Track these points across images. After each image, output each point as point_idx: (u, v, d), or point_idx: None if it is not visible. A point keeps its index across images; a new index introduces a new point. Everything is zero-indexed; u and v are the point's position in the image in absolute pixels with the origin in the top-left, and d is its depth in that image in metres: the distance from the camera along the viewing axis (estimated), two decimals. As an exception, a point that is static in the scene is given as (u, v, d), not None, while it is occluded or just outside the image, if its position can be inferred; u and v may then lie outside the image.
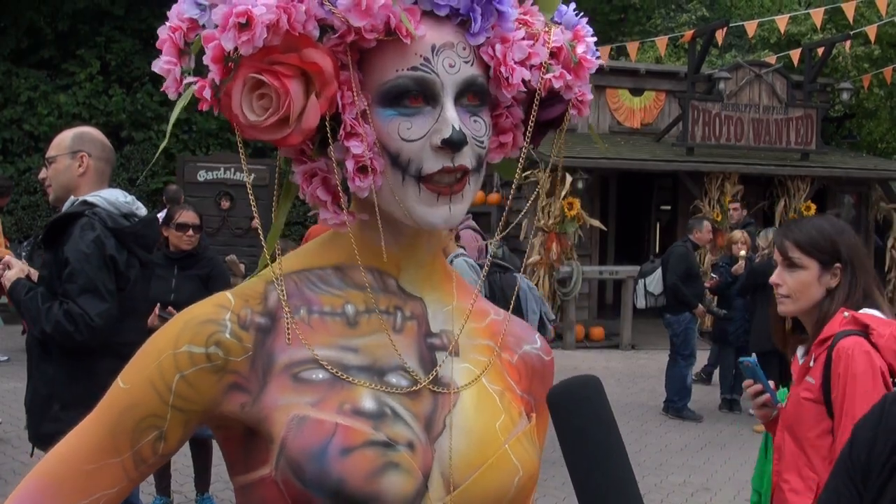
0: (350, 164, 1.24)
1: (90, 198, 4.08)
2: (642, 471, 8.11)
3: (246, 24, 1.14)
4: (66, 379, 3.94)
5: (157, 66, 1.24)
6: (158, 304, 5.67)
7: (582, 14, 1.39)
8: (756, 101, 16.60)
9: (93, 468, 1.24)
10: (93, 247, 3.91)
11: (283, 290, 1.31)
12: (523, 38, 1.31)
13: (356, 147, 1.23)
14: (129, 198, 4.25)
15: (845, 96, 18.50)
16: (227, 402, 1.26)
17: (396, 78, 1.24)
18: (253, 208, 1.36)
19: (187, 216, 6.32)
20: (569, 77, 1.33)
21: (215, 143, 20.36)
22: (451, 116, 1.24)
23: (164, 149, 16.47)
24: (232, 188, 16.24)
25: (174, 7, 1.24)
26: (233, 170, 16.21)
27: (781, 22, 17.87)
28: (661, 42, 18.87)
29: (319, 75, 1.18)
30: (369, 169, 1.24)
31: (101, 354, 3.92)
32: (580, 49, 1.35)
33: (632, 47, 18.41)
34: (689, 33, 17.49)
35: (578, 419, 0.98)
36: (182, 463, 7.33)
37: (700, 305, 10.38)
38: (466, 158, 1.27)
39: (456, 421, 1.31)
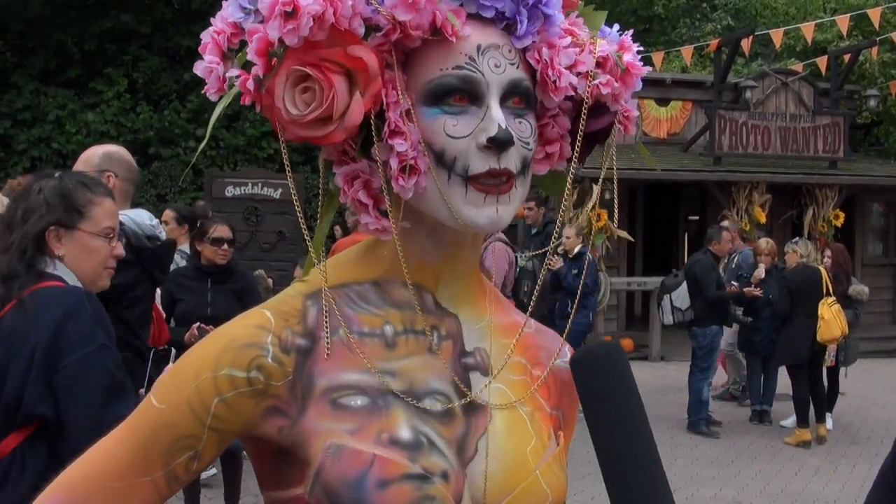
0: (394, 163, 1.21)
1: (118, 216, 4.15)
2: (672, 485, 7.99)
3: (292, 13, 1.13)
4: None
5: (199, 67, 1.23)
6: (198, 323, 5.68)
7: (626, 32, 1.38)
8: (783, 109, 16.52)
9: (122, 486, 1.22)
10: None
11: (327, 315, 1.29)
12: (569, 47, 1.29)
13: (400, 145, 1.21)
14: (155, 221, 4.35)
15: (872, 103, 18.36)
16: (264, 425, 1.24)
17: (441, 76, 1.23)
18: (297, 210, 1.33)
19: (222, 230, 6.34)
20: (616, 84, 1.31)
21: (243, 160, 20.46)
22: (497, 115, 1.22)
23: (192, 164, 16.53)
24: (259, 203, 16.30)
25: (219, 12, 1.24)
26: (260, 185, 16.27)
27: (807, 29, 17.77)
28: (687, 51, 18.83)
29: (364, 72, 1.17)
30: (413, 169, 1.22)
31: None
32: (627, 57, 1.33)
33: (657, 57, 18.37)
34: (714, 42, 17.45)
35: (601, 382, 0.99)
36: (211, 476, 7.36)
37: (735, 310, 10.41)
38: (511, 161, 1.25)
39: (488, 445, 1.30)
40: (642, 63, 1.36)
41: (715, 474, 8.59)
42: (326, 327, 1.28)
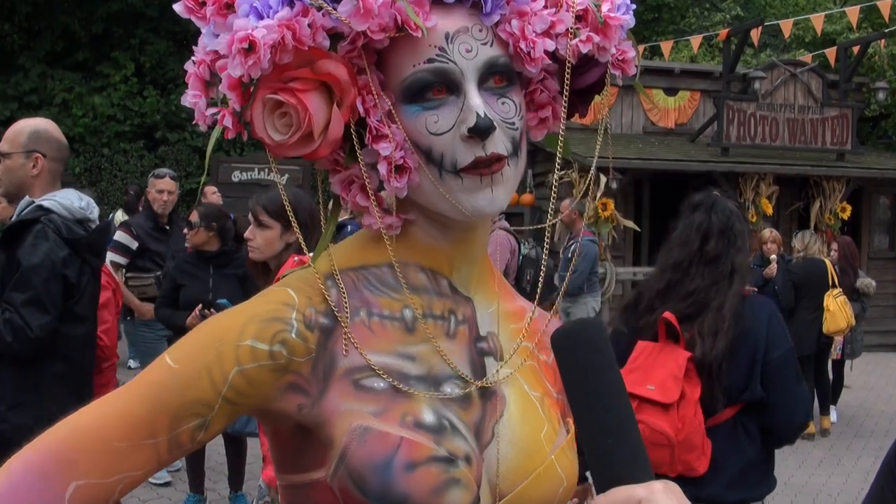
0: (383, 167, 1.23)
1: (46, 202, 3.94)
2: (676, 473, 8.03)
3: (250, 48, 1.13)
4: (15, 381, 3.86)
5: (185, 99, 1.25)
6: (200, 305, 5.69)
7: None
8: (791, 100, 16.46)
9: (124, 446, 1.15)
10: (44, 258, 3.79)
11: (345, 295, 1.29)
12: (545, 8, 1.27)
13: (385, 149, 1.22)
14: (84, 201, 4.10)
15: (881, 96, 18.28)
16: (282, 401, 1.23)
17: (414, 73, 1.23)
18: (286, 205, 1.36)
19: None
20: (597, 39, 1.29)
21: (250, 144, 20.46)
22: (475, 103, 1.22)
23: (197, 148, 16.58)
24: (266, 189, 16.29)
25: (199, 41, 1.23)
26: (267, 170, 16.26)
27: (817, 20, 17.69)
28: (696, 41, 18.76)
29: (336, 84, 1.18)
30: (403, 168, 1.23)
31: (50, 359, 3.89)
32: (605, 7, 1.29)
33: (666, 46, 18.30)
34: (723, 32, 17.35)
35: (581, 356, 1.00)
36: (215, 461, 7.39)
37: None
38: (498, 144, 1.25)
39: (503, 430, 1.31)
40: (625, 11, 1.32)
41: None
42: (346, 309, 1.27)
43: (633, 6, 1.34)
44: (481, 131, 1.21)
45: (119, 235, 7.36)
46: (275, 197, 4.30)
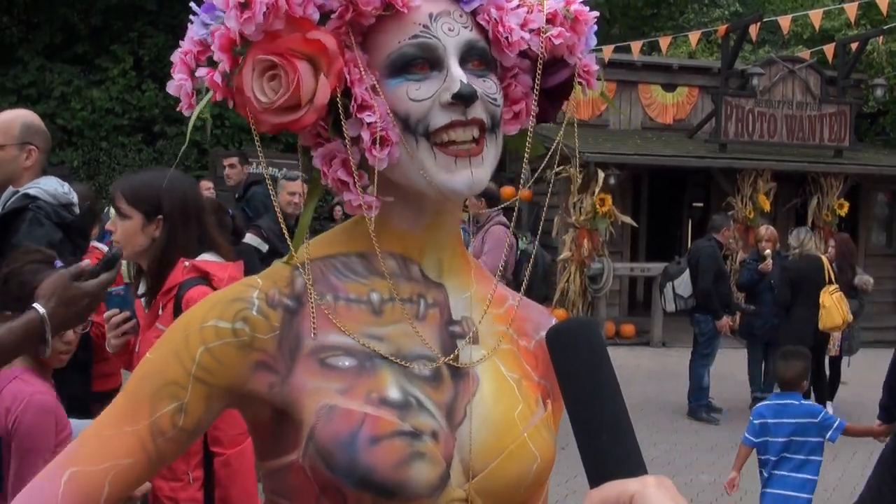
0: (366, 136, 1.26)
1: (31, 190, 3.94)
2: (672, 470, 8.06)
3: (246, 5, 1.19)
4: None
5: (171, 86, 1.30)
6: None
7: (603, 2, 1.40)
8: (789, 97, 16.47)
9: (109, 433, 1.26)
10: (44, 243, 3.76)
11: (309, 276, 1.32)
12: (517, 8, 1.35)
13: (369, 117, 1.26)
14: (66, 186, 4.10)
15: (879, 92, 18.29)
16: (253, 381, 1.28)
17: (400, 48, 1.28)
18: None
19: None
20: (568, 34, 1.35)
21: (247, 139, 20.44)
22: (458, 73, 1.28)
23: (195, 142, 16.55)
24: (264, 182, 16.26)
25: (187, 33, 1.29)
26: (265, 164, 16.25)
27: (815, 17, 17.67)
28: (694, 37, 18.74)
29: (324, 53, 1.22)
30: (385, 140, 1.27)
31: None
32: (574, 7, 1.37)
33: (664, 42, 18.30)
34: (722, 28, 17.34)
35: (576, 354, 1.01)
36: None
37: (725, 317, 10.21)
38: (480, 112, 1.29)
39: (476, 409, 1.33)
40: (589, 8, 1.39)
41: (714, 460, 8.60)
42: (311, 293, 1.31)
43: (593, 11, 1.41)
44: (465, 97, 1.26)
45: (249, 238, 7.29)
46: (137, 181, 3.41)
